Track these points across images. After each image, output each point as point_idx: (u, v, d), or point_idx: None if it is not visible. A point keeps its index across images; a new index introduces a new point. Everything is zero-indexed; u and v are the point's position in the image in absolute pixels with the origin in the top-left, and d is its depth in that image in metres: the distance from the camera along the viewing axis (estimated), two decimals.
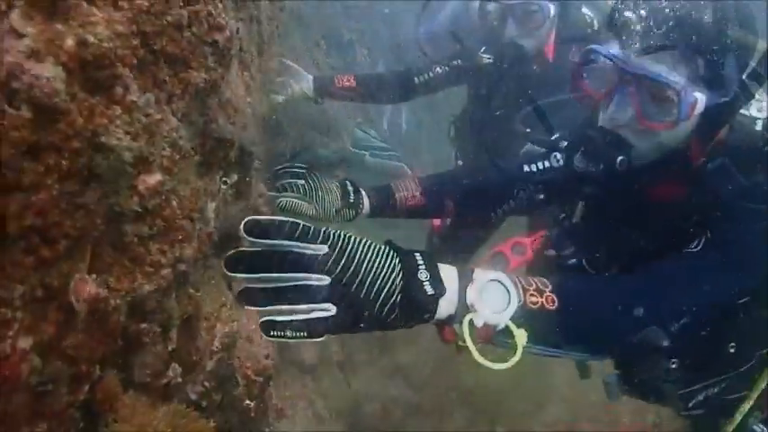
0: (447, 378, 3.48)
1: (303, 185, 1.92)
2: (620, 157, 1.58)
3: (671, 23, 1.46)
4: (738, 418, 1.86)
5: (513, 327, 1.17)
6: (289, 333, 1.02)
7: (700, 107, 1.49)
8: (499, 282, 1.21)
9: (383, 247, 1.14)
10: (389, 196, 2.11)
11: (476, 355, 1.15)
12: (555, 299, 1.26)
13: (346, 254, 1.08)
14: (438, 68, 3.28)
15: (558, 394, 3.34)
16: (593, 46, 1.63)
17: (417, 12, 3.32)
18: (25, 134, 0.71)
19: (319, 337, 1.04)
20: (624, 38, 1.55)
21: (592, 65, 1.66)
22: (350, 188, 2.02)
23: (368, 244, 1.12)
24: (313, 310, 1.03)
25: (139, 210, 0.94)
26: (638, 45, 1.51)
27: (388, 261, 1.11)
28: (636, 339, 1.45)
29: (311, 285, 1.03)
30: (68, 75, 0.77)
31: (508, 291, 1.21)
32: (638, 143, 1.59)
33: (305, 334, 1.03)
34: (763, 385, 1.80)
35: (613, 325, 1.43)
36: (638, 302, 1.44)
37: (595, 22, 3.03)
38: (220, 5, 1.12)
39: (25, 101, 0.71)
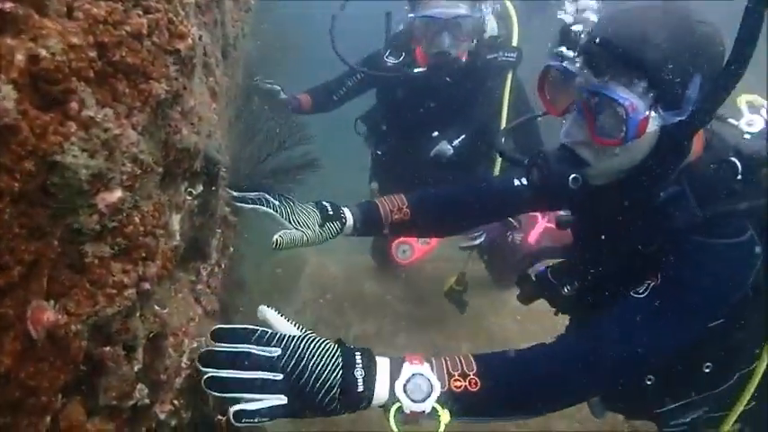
0: None
1: (279, 207, 1.93)
2: (572, 175, 1.57)
3: (628, 42, 1.45)
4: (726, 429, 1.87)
5: (438, 407, 1.36)
6: (257, 419, 1.26)
7: (652, 126, 1.48)
8: (422, 375, 1.39)
9: (331, 347, 1.39)
10: (374, 210, 2.10)
11: None
12: (478, 381, 1.42)
13: (296, 355, 1.33)
14: (349, 82, 3.77)
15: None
16: (552, 63, 1.64)
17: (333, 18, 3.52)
18: None
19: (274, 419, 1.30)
20: (581, 55, 1.56)
21: (550, 81, 1.66)
22: (326, 204, 2.01)
23: (317, 345, 1.37)
24: (268, 399, 1.28)
25: (99, 229, 0.90)
26: (593, 63, 1.51)
27: (332, 360, 1.35)
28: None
29: (268, 379, 1.29)
30: (19, 92, 0.72)
31: (430, 381, 1.39)
32: (595, 162, 1.59)
33: (267, 419, 1.28)
34: (745, 401, 1.81)
35: (543, 394, 1.55)
36: (570, 368, 1.53)
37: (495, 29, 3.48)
38: (182, 12, 1.08)
39: None
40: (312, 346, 1.37)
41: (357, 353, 1.41)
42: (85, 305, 0.88)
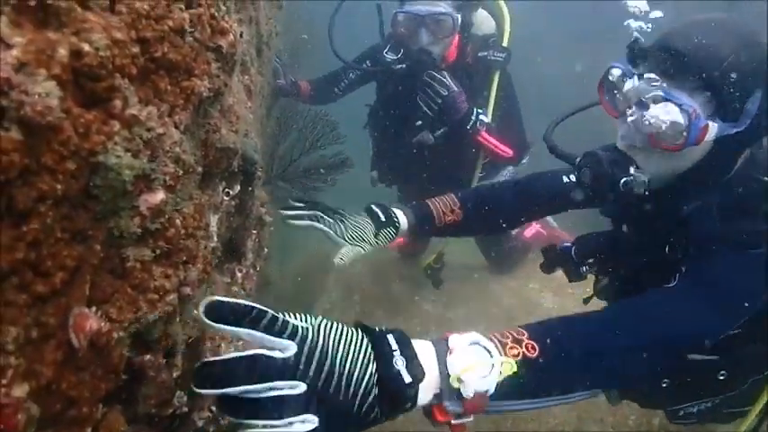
0: None
1: (333, 225, 1.97)
2: (624, 179, 1.57)
3: (694, 51, 1.46)
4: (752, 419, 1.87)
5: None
6: None
7: (711, 134, 1.48)
8: (477, 343, 1.15)
9: (354, 334, 1.06)
10: (427, 213, 2.10)
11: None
12: (535, 345, 1.21)
13: (317, 353, 0.98)
14: (351, 74, 3.86)
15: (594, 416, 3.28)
16: (616, 63, 1.63)
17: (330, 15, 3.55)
18: (16, 158, 0.63)
19: None
20: (647, 60, 1.56)
21: (610, 81, 1.65)
22: (376, 209, 2.00)
23: (338, 334, 1.04)
24: (292, 423, 0.93)
25: (141, 232, 0.86)
26: (658, 69, 1.51)
27: (362, 354, 1.03)
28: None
29: (287, 395, 0.94)
30: (62, 89, 0.69)
31: (488, 350, 1.14)
32: (646, 167, 1.60)
33: None
34: (760, 406, 1.84)
35: (599, 355, 1.35)
36: (617, 334, 1.39)
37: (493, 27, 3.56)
38: (224, 8, 1.04)
39: (15, 120, 0.63)
40: (332, 337, 1.03)
41: (389, 335, 1.09)
42: (127, 311, 0.84)
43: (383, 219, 1.99)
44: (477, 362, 1.11)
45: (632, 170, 1.59)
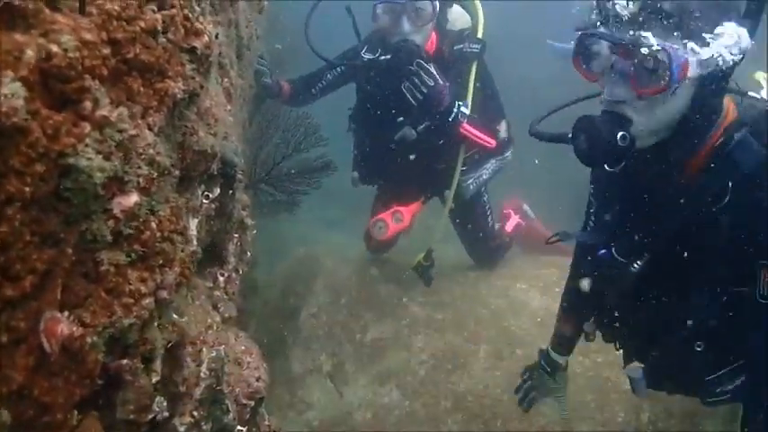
0: (439, 383, 3.41)
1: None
2: (620, 133, 1.57)
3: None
4: None
5: None
6: None
7: (692, 68, 1.52)
8: None
9: None
10: None
11: None
12: None
13: None
14: (329, 75, 3.84)
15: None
16: (586, 31, 1.65)
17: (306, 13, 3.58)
18: None
19: None
20: (612, 18, 1.57)
21: (586, 50, 1.65)
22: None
23: None
24: None
25: (115, 235, 0.85)
26: (626, 21, 1.53)
27: None
28: None
29: None
30: (29, 90, 0.68)
31: None
32: (639, 119, 1.60)
33: None
34: None
35: None
36: None
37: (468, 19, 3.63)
38: (198, 9, 1.04)
39: None
40: None
41: None
42: (101, 316, 0.83)
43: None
44: None
45: (627, 124, 1.60)
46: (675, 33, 1.51)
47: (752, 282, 1.67)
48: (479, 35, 3.64)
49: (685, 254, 1.72)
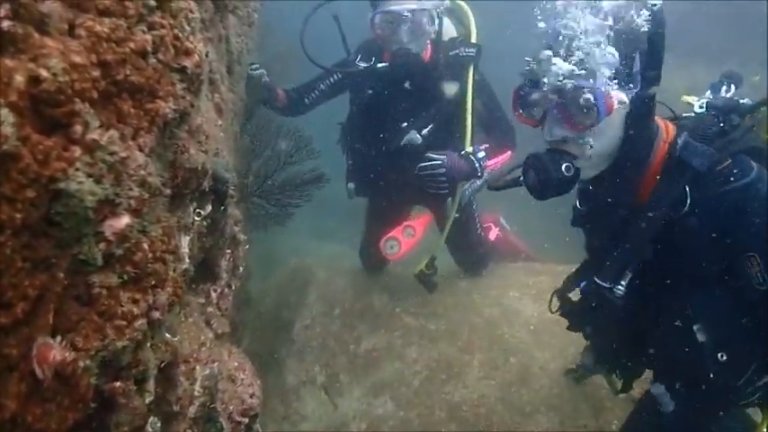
0: (434, 394, 3.41)
1: None
2: (564, 164, 1.75)
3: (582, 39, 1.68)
4: None
5: None
6: None
7: (617, 99, 1.71)
8: None
9: None
10: None
11: None
12: None
13: None
14: (322, 85, 3.85)
15: (546, 404, 3.29)
16: (518, 86, 1.85)
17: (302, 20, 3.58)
18: None
19: None
20: (543, 66, 1.75)
21: (523, 99, 1.86)
22: None
23: None
24: None
25: (107, 258, 0.85)
26: (555, 65, 1.71)
27: None
28: None
29: None
30: (19, 115, 0.68)
31: None
32: (580, 153, 1.77)
33: None
34: None
35: None
36: None
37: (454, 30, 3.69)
38: (188, 28, 1.04)
39: None
40: None
41: None
42: (94, 339, 0.83)
43: None
44: None
45: (568, 157, 1.76)
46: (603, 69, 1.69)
47: (743, 277, 1.72)
48: (473, 39, 3.68)
49: (667, 265, 1.83)
